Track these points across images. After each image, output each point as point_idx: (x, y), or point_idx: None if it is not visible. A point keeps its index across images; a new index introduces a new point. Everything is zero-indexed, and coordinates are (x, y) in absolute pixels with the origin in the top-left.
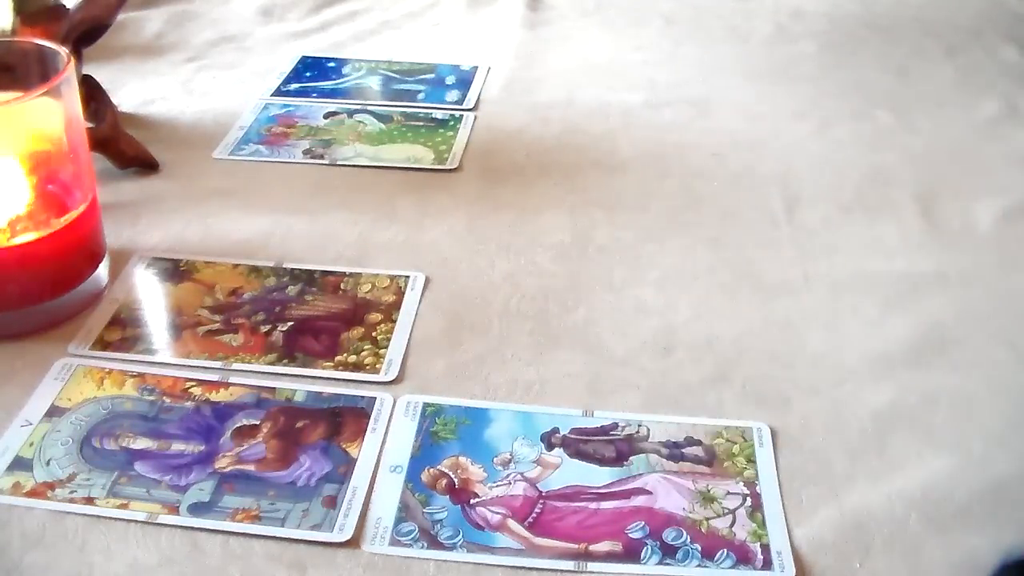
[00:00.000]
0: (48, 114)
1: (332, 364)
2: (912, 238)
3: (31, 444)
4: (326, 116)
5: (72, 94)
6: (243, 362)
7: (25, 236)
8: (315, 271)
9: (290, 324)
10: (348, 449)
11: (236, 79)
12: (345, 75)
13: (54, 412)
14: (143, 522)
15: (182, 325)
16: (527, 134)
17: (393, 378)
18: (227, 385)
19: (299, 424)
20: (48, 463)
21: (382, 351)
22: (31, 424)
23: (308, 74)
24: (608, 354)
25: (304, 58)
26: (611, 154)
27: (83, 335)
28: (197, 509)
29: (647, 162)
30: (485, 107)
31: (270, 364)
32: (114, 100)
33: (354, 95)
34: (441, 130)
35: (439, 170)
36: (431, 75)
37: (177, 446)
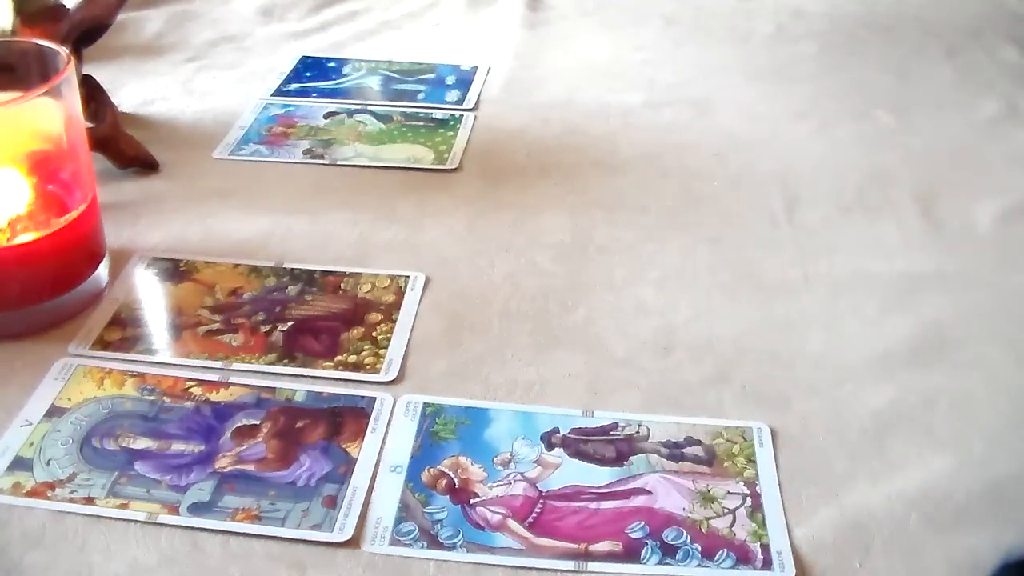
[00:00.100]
0: (48, 114)
1: (332, 364)
2: (912, 238)
3: (31, 444)
4: (326, 116)
5: (72, 94)
6: (243, 362)
7: (25, 236)
8: (315, 271)
9: (290, 324)
10: (348, 449)
11: (236, 79)
12: (345, 75)
13: (54, 412)
14: (143, 522)
15: (182, 325)
16: (527, 134)
17: (393, 378)
18: (227, 385)
19: (299, 424)
20: (48, 463)
21: (382, 351)
22: (31, 424)
23: (308, 74)
24: (608, 354)
25: (304, 58)
26: (611, 154)
27: (83, 335)
28: (197, 509)
29: (647, 162)
30: (485, 107)
31: (270, 364)
32: (114, 100)
33: (354, 95)
34: (441, 130)
35: (439, 170)
36: (431, 75)
37: (177, 446)
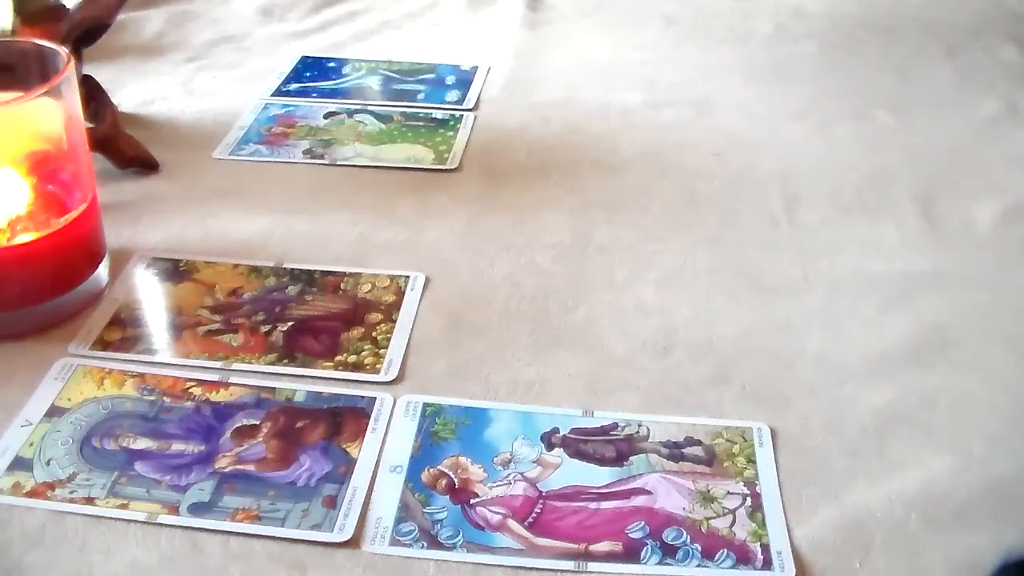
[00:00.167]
0: (48, 114)
1: (332, 364)
2: (911, 238)
3: (31, 444)
4: (326, 116)
5: (72, 94)
6: (243, 362)
7: (25, 236)
8: (315, 271)
9: (290, 324)
10: (348, 449)
11: (236, 79)
12: (345, 75)
13: (54, 412)
14: (143, 522)
15: (182, 325)
16: (527, 134)
17: (393, 378)
18: (227, 385)
19: (299, 424)
20: (48, 463)
21: (382, 351)
22: (31, 424)
23: (308, 74)
24: (608, 354)
25: (304, 58)
26: (611, 154)
27: (83, 335)
28: (197, 509)
29: (647, 162)
30: (485, 107)
31: (270, 364)
32: (114, 100)
33: (354, 95)
34: (441, 130)
35: (439, 170)
36: (431, 75)
37: (177, 446)
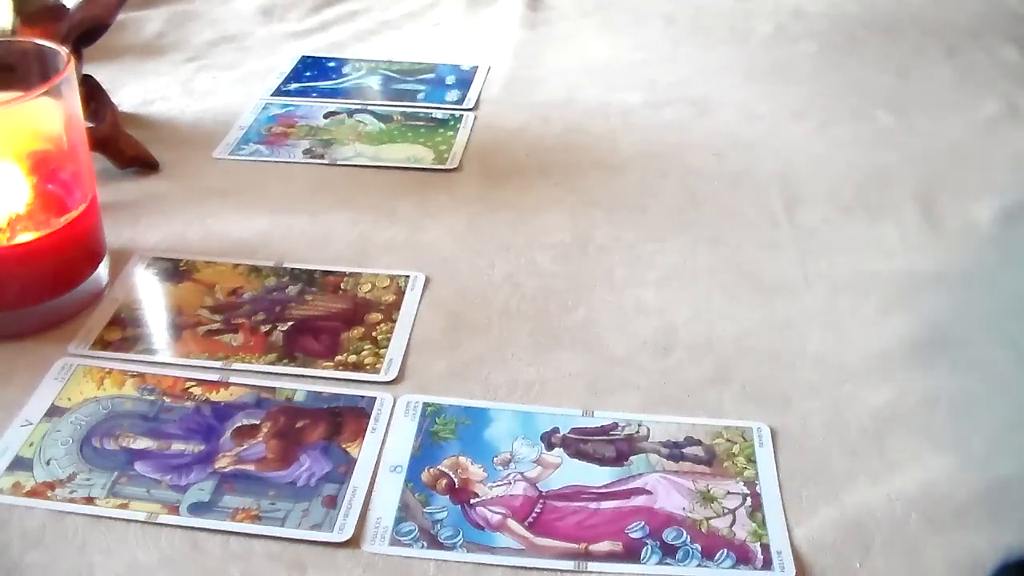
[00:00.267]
0: (48, 114)
1: (332, 364)
2: (912, 238)
3: (31, 444)
4: (326, 116)
5: (72, 94)
6: (243, 362)
7: (25, 236)
8: (315, 271)
9: (290, 324)
10: (348, 449)
11: (236, 79)
12: (345, 75)
13: (54, 412)
14: (143, 522)
15: (182, 325)
16: (527, 134)
17: (393, 378)
18: (227, 385)
19: (299, 424)
20: (48, 463)
21: (382, 351)
22: (31, 424)
23: (308, 74)
24: (608, 354)
25: (304, 58)
26: (611, 154)
27: (83, 335)
28: (197, 509)
29: (647, 162)
30: (485, 107)
31: (270, 364)
32: (114, 100)
33: (354, 95)
34: (441, 130)
35: (439, 170)
36: (431, 75)
37: (177, 446)
